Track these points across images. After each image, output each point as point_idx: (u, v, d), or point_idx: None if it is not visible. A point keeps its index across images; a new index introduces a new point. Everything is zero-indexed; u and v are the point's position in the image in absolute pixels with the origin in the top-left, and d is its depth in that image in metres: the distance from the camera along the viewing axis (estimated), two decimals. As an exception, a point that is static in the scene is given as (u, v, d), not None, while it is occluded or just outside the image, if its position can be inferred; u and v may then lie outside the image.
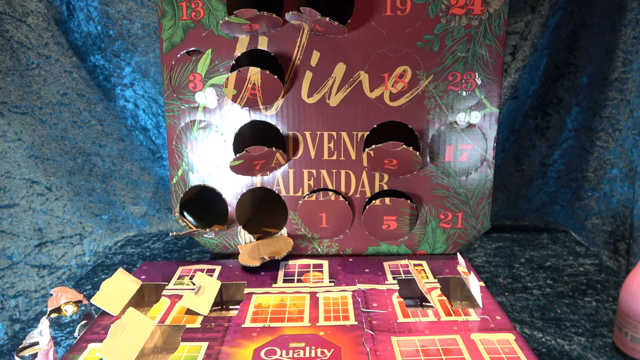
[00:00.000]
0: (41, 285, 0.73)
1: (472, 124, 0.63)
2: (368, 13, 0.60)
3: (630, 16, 0.70)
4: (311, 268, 0.63)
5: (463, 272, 0.57)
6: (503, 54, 0.61)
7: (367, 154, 0.61)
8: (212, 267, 0.63)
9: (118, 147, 0.85)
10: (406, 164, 0.62)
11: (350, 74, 0.62)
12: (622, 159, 0.74)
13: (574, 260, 0.76)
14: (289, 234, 0.68)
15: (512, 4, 0.78)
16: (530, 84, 0.84)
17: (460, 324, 0.48)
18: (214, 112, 0.64)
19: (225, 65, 0.62)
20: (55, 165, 0.78)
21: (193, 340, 0.46)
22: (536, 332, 0.55)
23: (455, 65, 0.61)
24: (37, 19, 0.72)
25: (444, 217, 0.66)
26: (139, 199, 0.90)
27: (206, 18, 0.61)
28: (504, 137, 0.88)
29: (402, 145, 0.58)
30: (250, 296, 0.55)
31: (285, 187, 0.66)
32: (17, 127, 0.72)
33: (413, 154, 0.59)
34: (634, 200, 0.70)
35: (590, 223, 0.81)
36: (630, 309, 0.49)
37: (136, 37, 0.79)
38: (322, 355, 0.43)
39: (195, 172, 0.66)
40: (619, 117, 0.74)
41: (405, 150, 0.58)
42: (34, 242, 0.74)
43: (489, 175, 0.65)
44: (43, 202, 0.76)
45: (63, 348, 0.53)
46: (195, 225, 0.67)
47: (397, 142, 0.58)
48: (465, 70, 0.61)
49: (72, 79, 0.77)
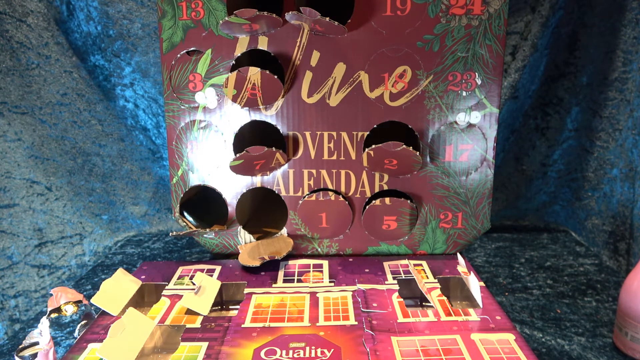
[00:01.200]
0: (41, 285, 0.73)
1: (472, 124, 0.63)
2: (368, 13, 0.60)
3: (630, 16, 0.70)
4: (311, 268, 0.63)
5: (463, 272, 0.57)
6: (503, 54, 0.61)
7: (367, 154, 0.61)
8: (212, 267, 0.63)
9: (118, 147, 0.85)
10: (406, 164, 0.62)
11: (350, 74, 0.62)
12: (622, 159, 0.74)
13: (574, 260, 0.76)
14: (289, 234, 0.68)
15: (512, 4, 0.78)
16: (530, 84, 0.84)
17: (460, 324, 0.48)
18: (214, 112, 0.64)
19: (225, 65, 0.62)
20: (55, 165, 0.78)
21: (193, 340, 0.46)
22: (536, 332, 0.55)
23: (455, 65, 0.61)
24: (37, 19, 0.72)
25: (444, 217, 0.66)
26: (139, 199, 0.90)
27: (206, 18, 0.61)
28: (504, 137, 0.88)
29: (402, 145, 0.58)
30: (250, 296, 0.55)
31: (285, 187, 0.66)
32: (17, 127, 0.72)
33: (413, 154, 0.59)
34: (634, 200, 0.70)
35: (590, 223, 0.81)
36: (630, 309, 0.49)
37: (136, 37, 0.79)
38: (322, 355, 0.43)
39: (195, 172, 0.66)
40: (619, 117, 0.74)
41: (405, 150, 0.58)
42: (34, 242, 0.74)
43: (489, 175, 0.65)
44: (43, 202, 0.76)
45: (63, 348, 0.53)
46: (195, 225, 0.67)
47: (397, 142, 0.58)
48: (465, 70, 0.61)
49: (72, 79, 0.77)
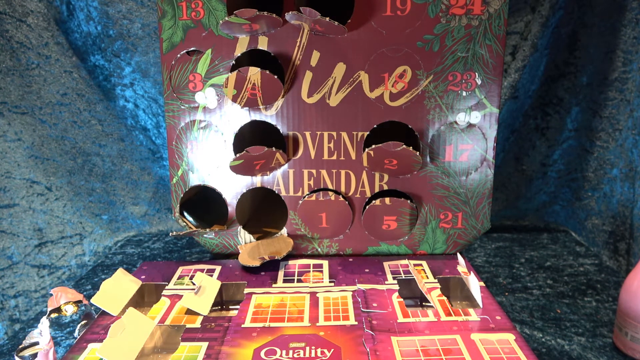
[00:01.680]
0: (41, 285, 0.73)
1: (472, 124, 0.63)
2: (368, 13, 0.60)
3: (630, 16, 0.70)
4: (311, 268, 0.63)
5: (463, 272, 0.57)
6: (503, 54, 0.61)
7: (367, 154, 0.61)
8: (212, 267, 0.63)
9: (118, 147, 0.85)
10: (406, 164, 0.62)
11: (350, 74, 0.62)
12: (622, 159, 0.74)
13: (574, 260, 0.76)
14: (289, 234, 0.68)
15: (512, 4, 0.78)
16: (530, 84, 0.84)
17: (460, 324, 0.48)
18: (214, 112, 0.64)
19: (225, 65, 0.62)
20: (55, 165, 0.78)
21: (193, 340, 0.46)
22: (536, 332, 0.55)
23: (455, 65, 0.61)
24: (37, 19, 0.72)
25: (444, 217, 0.66)
26: (139, 199, 0.90)
27: (206, 18, 0.61)
28: (504, 137, 0.88)
29: (402, 145, 0.58)
30: (250, 296, 0.55)
31: (285, 187, 0.66)
32: (17, 127, 0.72)
33: (413, 154, 0.59)
34: (634, 200, 0.70)
35: (590, 223, 0.81)
36: (630, 309, 0.49)
37: (136, 37, 0.79)
38: (322, 355, 0.43)
39: (195, 172, 0.66)
40: (619, 117, 0.74)
41: (405, 150, 0.58)
42: (34, 242, 0.74)
43: (489, 175, 0.65)
44: (43, 202, 0.76)
45: (63, 348, 0.53)
46: (195, 225, 0.67)
47: (397, 142, 0.58)
48: (465, 70, 0.61)
49: (72, 79, 0.77)
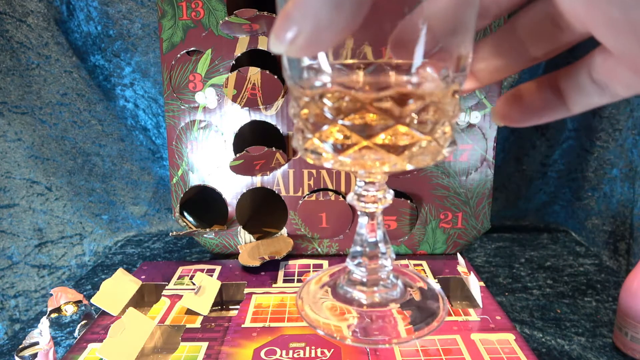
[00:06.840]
0: (41, 285, 0.73)
1: (472, 124, 0.63)
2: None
3: (630, 16, 0.70)
4: (311, 268, 0.63)
5: (463, 272, 0.57)
6: (503, 54, 0.61)
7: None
8: (212, 267, 0.63)
9: (118, 147, 0.85)
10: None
11: (350, 74, 0.62)
12: (622, 159, 0.74)
13: (574, 260, 0.76)
14: (289, 234, 0.68)
15: (512, 4, 0.78)
16: (530, 84, 0.84)
17: (460, 324, 0.48)
18: (214, 112, 0.64)
19: (225, 65, 0.62)
20: (55, 165, 0.78)
21: (193, 340, 0.46)
22: (536, 332, 0.55)
23: (455, 65, 0.61)
24: (37, 19, 0.72)
25: (444, 217, 0.66)
26: (139, 199, 0.90)
27: (206, 18, 0.61)
28: (504, 137, 0.88)
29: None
30: (250, 296, 0.55)
31: (285, 187, 0.66)
32: (17, 127, 0.72)
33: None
34: (634, 200, 0.70)
35: (590, 223, 0.81)
36: (630, 309, 0.49)
37: (136, 37, 0.79)
38: (322, 355, 0.43)
39: (195, 172, 0.66)
40: (619, 117, 0.74)
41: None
42: (34, 242, 0.74)
43: (489, 175, 0.65)
44: (43, 202, 0.76)
45: (63, 348, 0.53)
46: (195, 225, 0.67)
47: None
48: (465, 70, 0.61)
49: (72, 79, 0.77)
